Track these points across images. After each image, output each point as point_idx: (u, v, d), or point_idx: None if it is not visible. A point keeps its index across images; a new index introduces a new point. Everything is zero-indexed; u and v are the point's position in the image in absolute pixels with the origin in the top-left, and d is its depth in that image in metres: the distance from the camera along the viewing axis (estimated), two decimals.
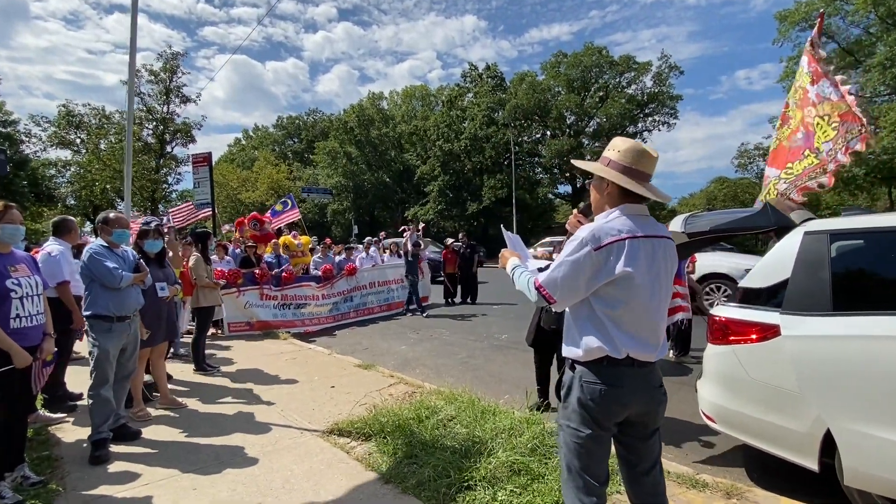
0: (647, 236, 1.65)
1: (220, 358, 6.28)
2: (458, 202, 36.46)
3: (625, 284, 1.61)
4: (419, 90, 49.58)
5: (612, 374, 1.65)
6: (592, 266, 1.61)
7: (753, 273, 2.96)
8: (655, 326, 1.68)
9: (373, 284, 10.10)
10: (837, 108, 3.07)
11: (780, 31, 23.87)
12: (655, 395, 1.72)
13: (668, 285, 1.71)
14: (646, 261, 1.63)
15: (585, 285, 1.63)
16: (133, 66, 5.51)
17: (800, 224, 2.88)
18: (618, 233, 1.62)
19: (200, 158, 10.58)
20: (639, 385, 1.67)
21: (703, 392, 3.12)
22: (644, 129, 36.82)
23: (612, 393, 1.64)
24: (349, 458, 3.23)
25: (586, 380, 1.68)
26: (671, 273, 1.73)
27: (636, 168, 1.70)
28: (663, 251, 1.69)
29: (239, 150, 59.17)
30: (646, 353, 1.66)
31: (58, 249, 4.15)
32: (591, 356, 1.67)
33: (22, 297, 2.70)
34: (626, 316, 1.63)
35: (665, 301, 1.71)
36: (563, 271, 1.64)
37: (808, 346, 2.52)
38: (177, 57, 32.36)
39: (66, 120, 31.23)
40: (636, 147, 1.73)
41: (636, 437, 1.75)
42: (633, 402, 1.67)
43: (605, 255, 1.60)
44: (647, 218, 1.72)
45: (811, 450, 2.49)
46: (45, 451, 3.37)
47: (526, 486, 2.67)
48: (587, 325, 1.69)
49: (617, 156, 1.73)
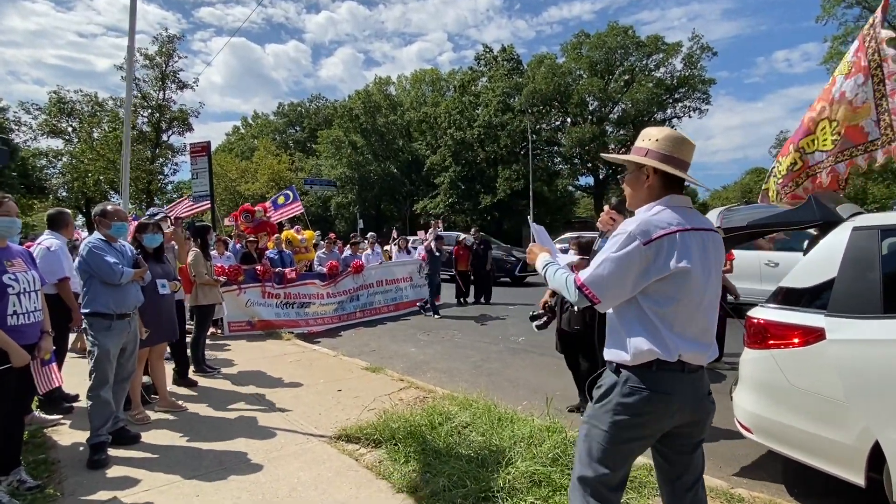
0: (696, 229, 1.64)
1: (221, 359, 6.37)
2: (470, 195, 36.46)
3: (680, 280, 1.59)
4: (429, 74, 49.59)
5: (662, 380, 1.62)
6: (642, 262, 1.59)
7: (795, 272, 2.93)
8: (708, 325, 1.67)
9: (380, 283, 10.16)
10: (852, 117, 2.98)
11: (825, 8, 23.47)
12: (704, 403, 1.70)
13: (718, 281, 1.70)
14: (698, 254, 1.62)
15: (633, 283, 1.61)
16: (132, 51, 5.59)
17: (847, 219, 2.85)
18: (668, 225, 1.61)
19: (199, 148, 10.69)
20: (688, 392, 1.64)
21: (739, 400, 3.10)
22: (673, 116, 36.46)
23: (660, 400, 1.62)
24: (358, 465, 3.27)
25: (632, 384, 1.64)
26: (720, 268, 1.73)
27: (677, 157, 1.71)
28: (713, 244, 1.68)
29: (238, 139, 59.74)
30: (698, 354, 1.64)
31: (56, 244, 4.25)
32: (641, 359, 1.63)
33: (19, 293, 2.77)
34: (679, 315, 1.61)
35: (716, 298, 1.69)
36: (610, 268, 1.61)
37: (855, 350, 2.50)
38: (173, 40, 32.77)
39: (57, 107, 31.77)
40: (675, 135, 1.73)
41: (679, 449, 1.74)
42: (682, 410, 1.65)
43: (655, 250, 1.59)
44: (692, 210, 1.72)
45: (857, 463, 2.47)
46: (42, 454, 3.46)
47: (547, 497, 2.68)
48: (635, 325, 1.66)
49: (656, 145, 1.72)
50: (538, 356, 6.61)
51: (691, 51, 34.25)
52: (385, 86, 47.63)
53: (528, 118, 34.44)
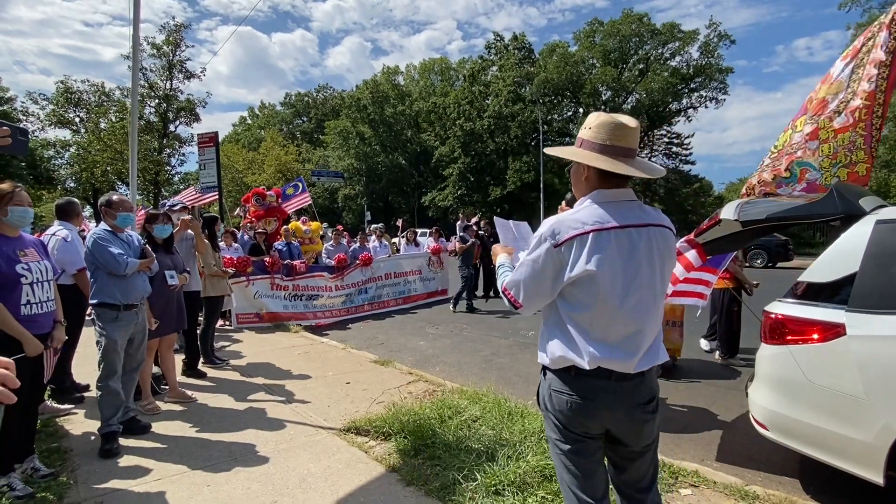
0: (622, 226, 1.52)
1: (230, 351, 6.45)
2: (479, 187, 36.38)
3: (588, 285, 1.50)
4: (438, 63, 49.42)
5: (582, 386, 1.56)
6: (554, 264, 1.53)
7: (816, 266, 2.90)
8: (638, 333, 1.54)
9: (388, 276, 10.20)
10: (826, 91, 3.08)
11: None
12: (637, 412, 1.58)
13: (654, 281, 1.56)
14: (619, 256, 1.50)
15: (551, 286, 1.56)
16: (136, 40, 5.62)
17: (870, 212, 2.81)
18: (581, 226, 1.51)
19: (206, 139, 10.77)
20: (616, 400, 1.55)
21: (755, 397, 3.09)
22: (689, 106, 36.11)
23: (581, 405, 1.57)
24: (368, 457, 3.31)
25: (555, 388, 1.62)
26: (662, 264, 1.58)
27: (614, 144, 1.57)
28: (647, 241, 1.55)
29: (244, 130, 60.08)
30: (623, 363, 1.53)
31: (69, 234, 4.31)
32: (558, 364, 1.60)
33: (32, 283, 2.82)
34: (595, 321, 1.52)
35: (653, 300, 1.57)
36: (524, 272, 1.59)
37: (877, 347, 2.47)
38: (180, 29, 32.87)
39: (64, 97, 32.05)
40: (611, 120, 1.60)
41: (622, 455, 1.68)
42: (608, 417, 1.58)
43: (565, 252, 1.51)
44: (628, 203, 1.59)
45: (877, 462, 2.45)
46: (55, 443, 3.54)
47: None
48: (554, 329, 1.62)
49: (589, 134, 1.62)
50: None
51: (708, 39, 33.81)
52: (393, 75, 47.57)
53: (539, 108, 34.21)
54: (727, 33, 33.77)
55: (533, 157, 33.95)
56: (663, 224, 1.62)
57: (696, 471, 3.03)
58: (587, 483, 1.62)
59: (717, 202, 35.07)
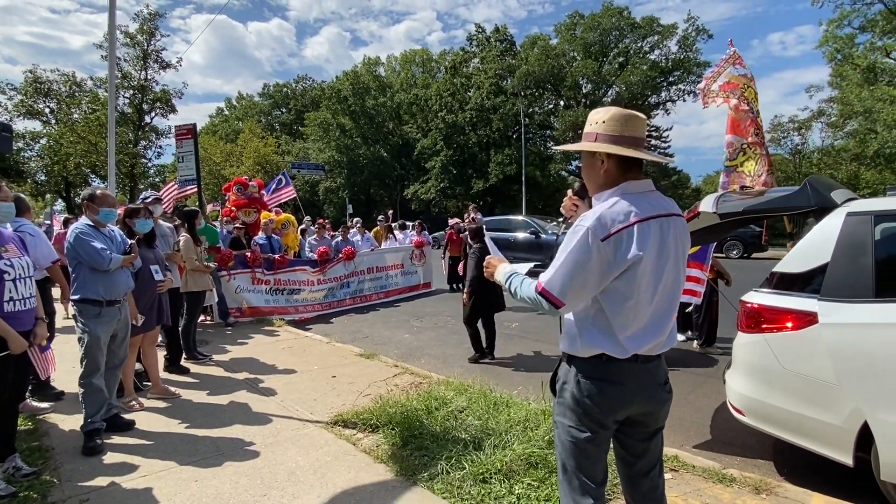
0: (655, 216, 1.58)
1: (212, 346, 6.39)
2: (462, 179, 36.39)
3: (631, 276, 1.54)
4: (419, 55, 49.09)
5: (613, 371, 1.61)
6: (601, 259, 1.51)
7: (790, 257, 3.00)
8: (662, 316, 1.63)
9: (370, 270, 10.19)
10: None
11: None
12: (659, 392, 1.68)
13: (679, 269, 1.65)
14: (655, 246, 1.56)
15: (596, 282, 1.54)
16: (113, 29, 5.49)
17: (841, 205, 2.92)
18: (625, 218, 1.53)
19: (184, 130, 10.51)
20: (643, 382, 1.63)
21: (732, 383, 3.20)
22: (668, 99, 36.58)
23: (613, 390, 1.61)
24: (356, 449, 3.33)
25: (584, 376, 1.64)
26: (683, 254, 1.68)
27: (628, 135, 1.62)
28: (674, 231, 1.62)
29: (222, 121, 58.88)
30: (650, 345, 1.61)
31: (35, 228, 4.22)
32: (588, 353, 1.63)
33: (15, 279, 2.77)
34: (633, 311, 1.58)
35: (676, 288, 1.65)
36: (568, 268, 1.53)
37: (847, 334, 2.58)
38: (154, 18, 32.03)
39: (33, 87, 31.03)
40: (621, 112, 1.64)
41: (636, 436, 1.74)
42: (636, 400, 1.64)
43: (613, 246, 1.51)
44: (651, 194, 1.65)
45: (846, 444, 2.57)
46: (36, 442, 3.49)
47: (543, 479, 2.76)
48: (586, 320, 1.64)
49: (603, 127, 1.64)
50: (532, 342, 6.70)
51: (686, 33, 34.21)
52: (374, 66, 47.09)
53: (520, 101, 34.30)
54: (705, 28, 34.28)
55: (515, 149, 34.04)
56: (681, 214, 1.71)
57: (675, 456, 3.13)
58: (593, 469, 1.68)
59: (694, 194, 35.69)
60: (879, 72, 21.75)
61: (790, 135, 34.06)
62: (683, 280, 1.70)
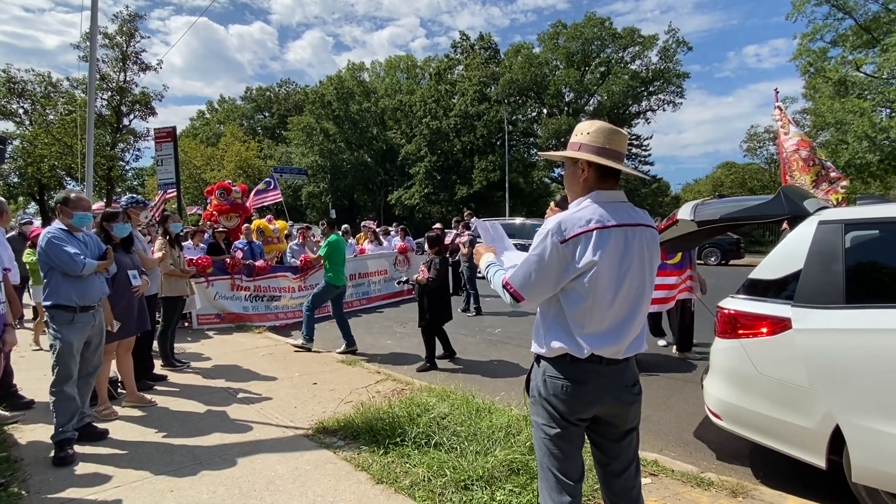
0: (619, 225, 1.65)
1: (190, 353, 6.28)
2: (446, 185, 36.45)
3: (588, 279, 1.62)
4: (404, 61, 49.18)
5: (576, 371, 1.69)
6: (560, 260, 1.62)
7: (764, 264, 3.07)
8: (624, 321, 1.68)
9: (352, 277, 10.11)
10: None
11: (795, 5, 24.07)
12: (626, 394, 1.73)
13: (643, 277, 1.71)
14: (616, 252, 1.63)
15: (555, 281, 1.65)
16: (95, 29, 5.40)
17: (813, 213, 3.00)
18: (586, 223, 1.63)
19: (164, 133, 10.38)
20: (606, 383, 1.70)
21: (710, 388, 3.25)
22: (648, 109, 37.19)
23: (576, 390, 1.68)
24: (336, 457, 3.30)
25: (550, 375, 1.73)
26: (650, 263, 1.74)
27: (610, 148, 1.72)
28: (639, 239, 1.69)
29: (203, 125, 58.09)
30: (613, 349, 1.67)
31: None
32: (553, 353, 1.71)
33: None
34: (591, 313, 1.65)
35: (641, 295, 1.71)
36: (530, 266, 1.66)
37: (819, 339, 2.65)
38: (134, 19, 31.51)
39: (6, 87, 30.24)
40: (606, 127, 1.74)
41: (608, 437, 1.79)
42: (600, 400, 1.71)
43: (571, 248, 1.61)
44: (622, 204, 1.73)
45: (819, 447, 2.63)
46: (4, 452, 3.37)
47: (525, 485, 2.76)
48: (551, 321, 1.73)
49: (588, 138, 1.74)
50: (514, 347, 6.73)
51: (667, 44, 34.89)
52: (358, 72, 47.02)
53: (504, 108, 34.55)
54: (685, 40, 34.99)
55: (499, 156, 34.25)
56: (650, 224, 1.77)
57: (655, 460, 3.16)
58: (567, 465, 1.73)
59: (674, 202, 36.25)
60: (850, 85, 22.38)
61: (765, 145, 34.97)
62: (650, 288, 1.76)
